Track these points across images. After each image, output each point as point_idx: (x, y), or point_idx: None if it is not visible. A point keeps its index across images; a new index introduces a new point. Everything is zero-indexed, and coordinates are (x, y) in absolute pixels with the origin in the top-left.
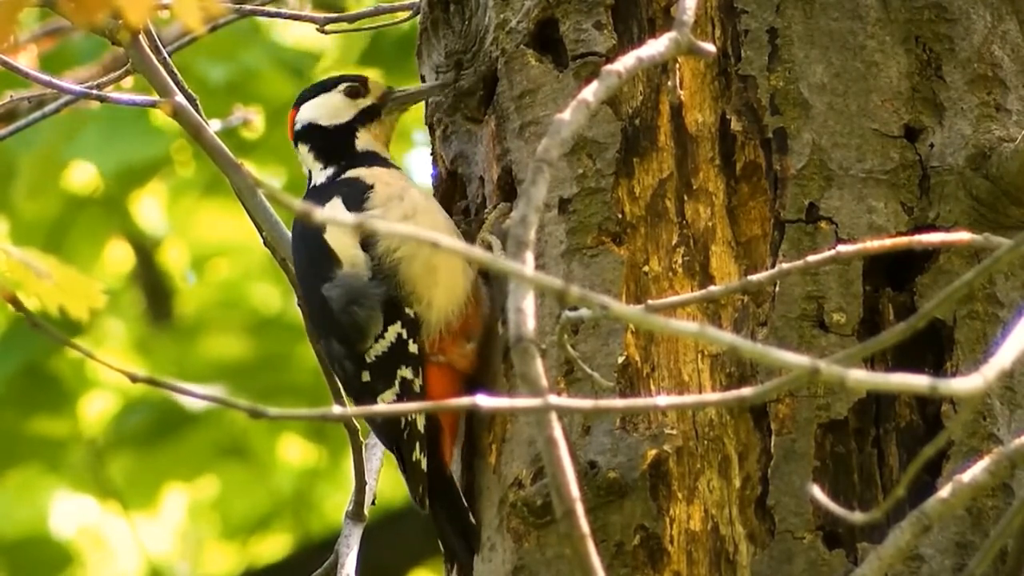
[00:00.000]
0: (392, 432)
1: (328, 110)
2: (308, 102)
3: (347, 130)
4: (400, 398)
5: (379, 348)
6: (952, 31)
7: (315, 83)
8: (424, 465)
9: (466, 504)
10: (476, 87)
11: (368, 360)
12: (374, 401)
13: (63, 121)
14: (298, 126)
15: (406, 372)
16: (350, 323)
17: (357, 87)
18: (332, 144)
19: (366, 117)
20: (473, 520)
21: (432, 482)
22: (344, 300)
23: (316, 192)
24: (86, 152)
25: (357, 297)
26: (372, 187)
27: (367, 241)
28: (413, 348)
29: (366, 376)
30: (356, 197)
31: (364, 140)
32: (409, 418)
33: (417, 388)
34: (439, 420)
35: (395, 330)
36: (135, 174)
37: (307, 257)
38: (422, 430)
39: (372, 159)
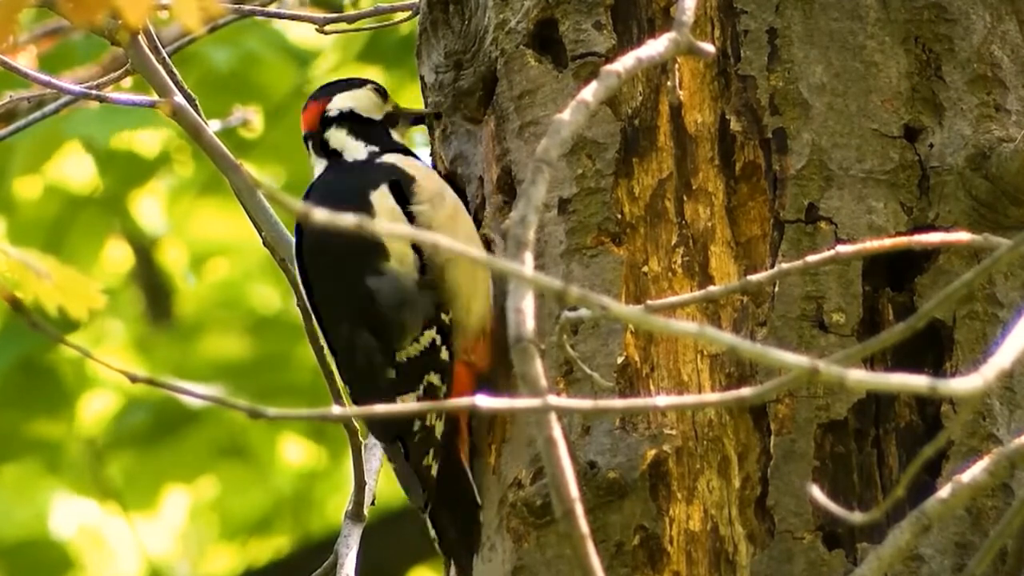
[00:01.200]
0: (399, 426)
1: (365, 104)
2: (342, 93)
3: (382, 124)
4: (421, 401)
5: (413, 351)
6: (952, 31)
7: (338, 79)
8: (435, 471)
9: (479, 504)
10: (476, 87)
11: (399, 359)
12: (392, 398)
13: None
14: (334, 112)
15: (434, 378)
16: (395, 320)
17: (383, 91)
18: (371, 131)
19: (392, 121)
20: (481, 520)
21: (444, 482)
22: (394, 298)
23: (353, 169)
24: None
25: (404, 296)
26: (415, 180)
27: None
28: (444, 355)
29: (391, 373)
30: (402, 188)
31: (395, 137)
32: (428, 423)
33: (441, 395)
34: (457, 421)
35: (430, 335)
36: (134, 171)
37: (346, 242)
38: (439, 436)
39: (405, 150)
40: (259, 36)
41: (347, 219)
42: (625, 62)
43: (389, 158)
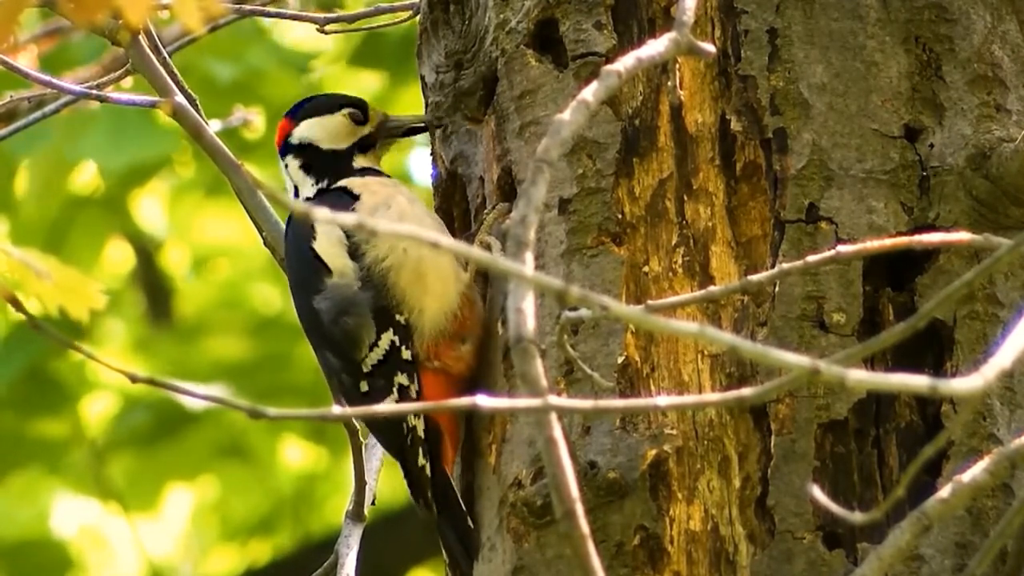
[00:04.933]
0: (395, 439)
1: (329, 133)
2: (310, 119)
3: (346, 154)
4: (398, 403)
5: (374, 357)
6: (952, 31)
7: (315, 98)
8: (428, 470)
9: (464, 510)
10: (476, 87)
11: (365, 370)
12: (372, 405)
13: (67, 123)
14: (295, 140)
15: (402, 378)
16: (342, 334)
17: (359, 114)
18: (327, 165)
19: (363, 146)
20: (472, 525)
21: (435, 487)
22: (334, 311)
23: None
24: (92, 153)
25: (347, 307)
26: (359, 197)
27: (356, 251)
28: (407, 354)
29: (364, 386)
30: (343, 207)
31: (360, 162)
32: (409, 424)
33: (414, 394)
34: (439, 425)
35: (388, 337)
36: (136, 174)
37: (298, 269)
38: (423, 435)
39: (365, 172)
40: (261, 48)
41: (347, 218)
42: (625, 62)
43: (339, 183)
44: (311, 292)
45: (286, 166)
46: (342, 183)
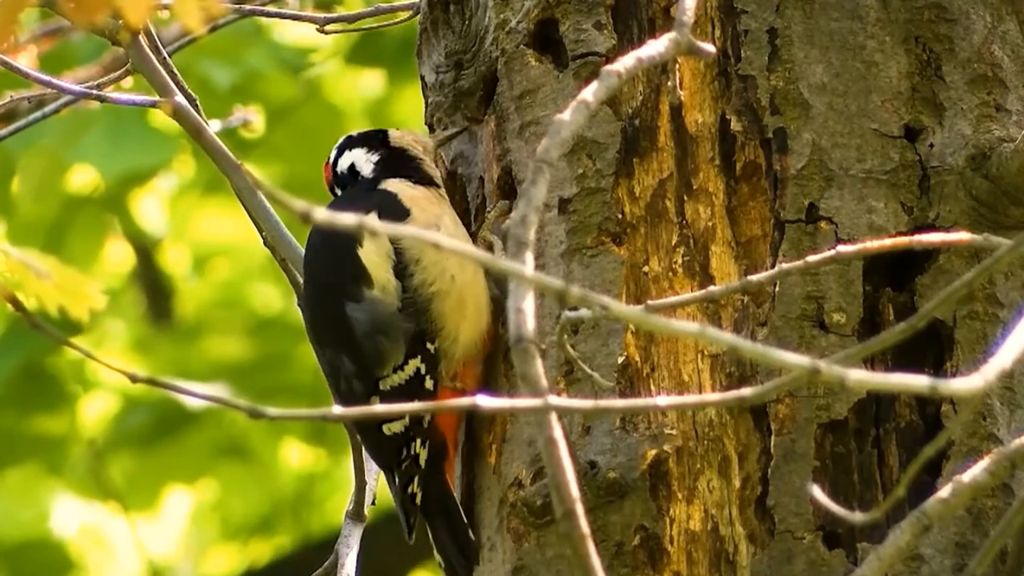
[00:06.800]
0: (387, 457)
1: (422, 148)
2: (400, 129)
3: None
4: (407, 430)
5: (396, 379)
6: (952, 31)
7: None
8: (419, 499)
9: (465, 521)
10: (476, 87)
11: (382, 388)
12: (378, 425)
13: (66, 124)
14: (395, 143)
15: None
16: (371, 349)
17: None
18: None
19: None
20: (472, 537)
21: (433, 500)
22: (370, 326)
23: (356, 194)
24: (90, 156)
25: (384, 327)
26: (409, 212)
27: (402, 271)
28: (429, 384)
29: (376, 402)
30: (393, 221)
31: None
32: (412, 451)
33: (425, 424)
34: (446, 447)
35: (415, 364)
36: (136, 175)
37: (332, 266)
38: (423, 464)
39: (417, 171)
40: (260, 49)
41: (347, 219)
42: (625, 62)
43: (392, 185)
44: (344, 296)
45: (341, 168)
46: (392, 186)
